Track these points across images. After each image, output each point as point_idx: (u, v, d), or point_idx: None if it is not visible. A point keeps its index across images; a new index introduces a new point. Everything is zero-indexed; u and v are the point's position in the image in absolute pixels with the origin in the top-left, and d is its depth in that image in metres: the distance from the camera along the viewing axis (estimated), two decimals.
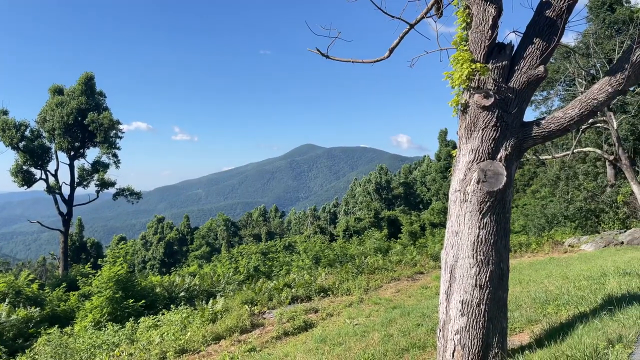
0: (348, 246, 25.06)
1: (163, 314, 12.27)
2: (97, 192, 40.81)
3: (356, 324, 9.28)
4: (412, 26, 6.41)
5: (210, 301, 12.52)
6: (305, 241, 43.86)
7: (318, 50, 6.67)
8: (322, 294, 13.20)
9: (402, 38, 6.53)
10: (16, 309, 14.54)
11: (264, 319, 11.24)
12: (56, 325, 12.05)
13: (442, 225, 48.21)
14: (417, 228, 43.99)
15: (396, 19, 6.18)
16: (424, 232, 44.09)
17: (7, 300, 15.44)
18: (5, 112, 37.68)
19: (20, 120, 37.82)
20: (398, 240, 34.84)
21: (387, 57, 6.60)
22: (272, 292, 13.32)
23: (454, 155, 5.78)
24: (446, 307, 5.30)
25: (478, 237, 5.06)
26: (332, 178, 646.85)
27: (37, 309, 14.92)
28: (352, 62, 6.93)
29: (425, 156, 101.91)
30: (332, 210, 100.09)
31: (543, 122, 5.23)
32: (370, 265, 16.37)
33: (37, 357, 8.82)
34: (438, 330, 5.43)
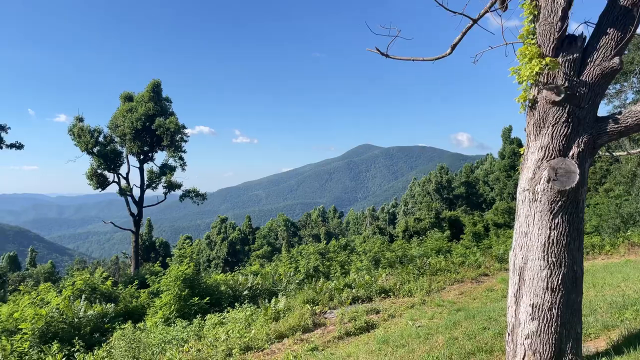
0: (408, 247, 24.71)
1: (228, 311, 12.62)
2: (165, 193, 42.69)
3: (419, 326, 9.15)
4: (475, 21, 6.25)
5: (273, 300, 12.74)
6: (364, 242, 43.70)
7: (377, 49, 6.65)
8: (382, 294, 13.11)
9: (464, 34, 6.38)
10: (92, 304, 15.41)
11: (326, 318, 11.31)
12: (129, 321, 12.68)
13: (507, 225, 46.43)
14: (480, 229, 42.66)
15: (458, 15, 6.05)
16: (487, 233, 42.69)
17: (83, 296, 16.40)
18: (81, 119, 40.17)
19: (94, 126, 40.26)
20: (460, 241, 33.95)
21: (449, 54, 6.47)
22: (332, 292, 13.38)
23: (521, 152, 5.58)
24: (515, 311, 5.13)
25: (549, 238, 4.86)
26: (391, 178, 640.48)
27: (112, 305, 15.73)
28: (413, 60, 6.84)
29: (488, 154, 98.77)
30: (391, 211, 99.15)
31: (620, 116, 4.94)
32: (432, 266, 16.07)
33: (113, 350, 9.33)
34: (507, 334, 5.26)
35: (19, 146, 36.22)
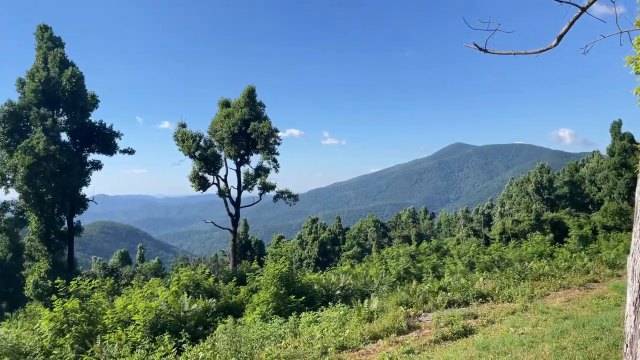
0: (506, 250, 23.58)
1: (322, 310, 12.83)
2: (260, 194, 44.37)
3: (522, 333, 8.70)
4: (584, 9, 5.82)
5: (365, 301, 12.75)
6: (458, 244, 42.31)
7: (475, 45, 6.43)
8: (480, 299, 12.63)
9: (572, 24, 5.97)
10: (196, 299, 16.41)
11: (420, 321, 11.12)
12: (230, 316, 13.33)
13: (618, 228, 42.65)
14: (587, 232, 39.57)
15: (565, 4, 5.67)
16: (595, 236, 39.51)
17: (187, 291, 17.49)
18: (184, 125, 42.95)
19: (195, 131, 42.85)
20: (565, 244, 31.74)
21: (554, 46, 6.08)
22: (426, 295, 13.13)
23: (638, 148, 5.11)
24: (635, 321, 4.70)
25: None
26: (485, 178, 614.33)
27: (213, 300, 16.62)
28: (514, 54, 6.52)
29: (594, 151, 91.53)
30: (486, 212, 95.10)
31: None
32: (535, 271, 15.18)
33: (216, 343, 9.86)
34: (625, 345, 4.84)
35: (131, 151, 39.54)
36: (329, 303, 13.76)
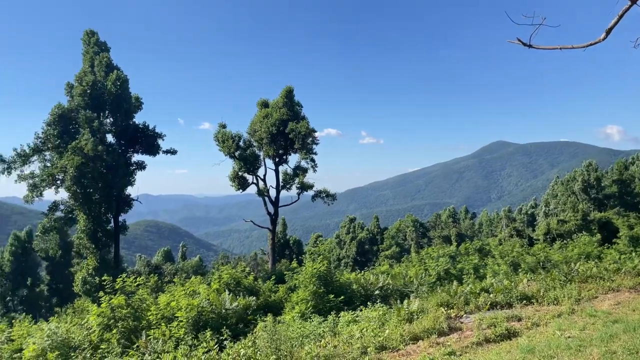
0: (552, 251, 22.85)
1: (360, 310, 12.80)
2: (298, 194, 44.68)
3: (569, 337, 8.41)
4: (634, 2, 5.59)
5: (405, 301, 12.63)
6: (500, 244, 41.30)
7: (519, 40, 6.27)
8: (524, 301, 12.28)
9: (621, 17, 5.74)
10: (237, 297, 16.67)
11: (461, 323, 10.92)
12: (269, 314, 13.48)
13: None
14: (639, 232, 37.85)
15: None
16: None
17: (228, 289, 17.78)
18: (224, 126, 43.70)
19: (235, 132, 43.55)
20: (613, 246, 30.49)
21: (603, 39, 5.86)
22: (468, 296, 12.88)
23: None
24: None
25: None
26: (529, 176, 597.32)
27: (253, 298, 16.85)
28: (560, 48, 6.33)
29: None
30: (529, 212, 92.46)
31: None
32: (582, 273, 14.64)
33: (257, 341, 9.99)
34: None
35: (173, 152, 40.54)
36: (368, 303, 13.71)
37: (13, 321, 21.38)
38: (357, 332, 10.08)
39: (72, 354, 11.68)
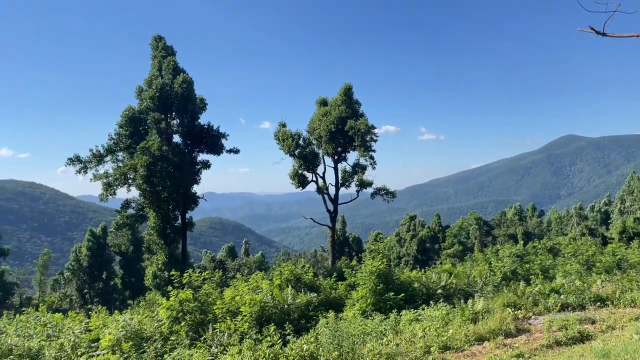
0: (628, 251, 21.48)
1: (423, 308, 12.62)
2: (357, 191, 44.61)
3: None
4: None
5: (469, 301, 12.33)
6: (570, 243, 39.30)
7: (592, 28, 5.94)
8: (598, 303, 11.64)
9: None
10: (299, 293, 16.90)
11: (530, 324, 10.52)
12: (331, 311, 13.57)
13: None
14: None
15: None
16: None
17: (289, 285, 18.07)
18: (284, 125, 44.36)
19: (294, 130, 44.07)
20: None
21: None
22: (536, 297, 12.38)
23: None
24: None
25: None
26: (602, 172, 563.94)
27: (314, 294, 17.03)
28: (637, 36, 5.94)
29: None
30: (603, 210, 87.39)
31: None
32: None
33: (319, 337, 10.09)
34: None
35: (236, 151, 41.59)
36: (430, 302, 13.51)
37: (90, 313, 22.80)
38: (420, 331, 9.95)
39: (145, 345, 12.28)
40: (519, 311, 11.29)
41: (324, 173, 44.94)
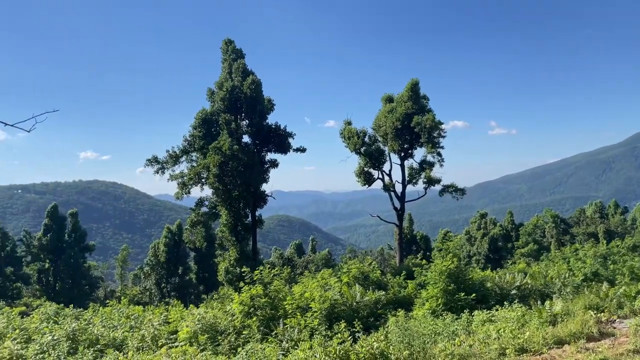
0: None
1: (496, 309, 12.26)
2: (425, 189, 43.84)
3: None
4: None
5: (547, 302, 11.83)
6: None
7: None
8: None
9: None
10: (367, 291, 16.92)
11: (614, 328, 9.92)
12: (400, 309, 13.49)
13: None
14: None
15: None
16: None
17: (357, 283, 18.13)
18: (349, 123, 44.43)
19: (360, 128, 44.01)
20: None
21: None
22: (621, 299, 11.67)
23: None
24: None
25: None
26: None
27: (383, 292, 16.98)
28: None
29: None
30: None
31: None
32: None
33: (389, 335, 10.07)
34: None
35: (303, 150, 42.22)
36: (504, 303, 13.11)
37: (167, 306, 24.08)
38: (494, 332, 9.66)
39: (219, 338, 12.83)
40: (602, 314, 10.69)
41: (390, 170, 44.56)
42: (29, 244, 59.94)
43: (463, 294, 14.05)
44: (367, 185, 44.98)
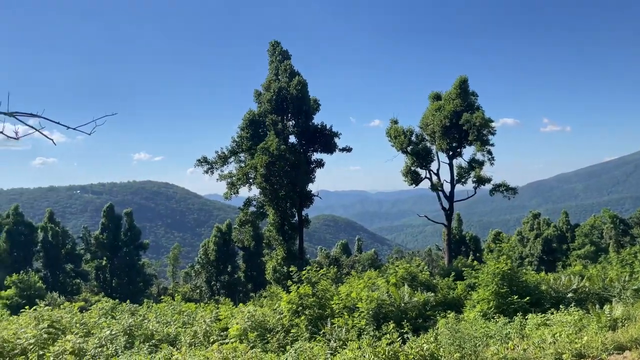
0: None
1: (551, 313, 11.85)
2: (475, 188, 42.82)
3: None
4: None
5: (606, 306, 11.32)
6: None
7: None
8: None
9: None
10: (415, 292, 16.72)
11: None
12: (450, 311, 13.25)
13: None
14: None
15: None
16: None
17: (405, 284, 17.93)
18: (396, 122, 44.00)
19: (406, 127, 43.51)
20: None
21: None
22: None
23: None
24: None
25: None
26: None
27: (431, 294, 16.72)
28: None
29: None
30: None
31: None
32: None
33: (439, 337, 9.92)
34: None
35: (348, 149, 42.19)
36: (559, 306, 12.66)
37: (217, 304, 24.67)
38: (549, 336, 9.34)
39: (268, 335, 13.03)
40: None
41: (438, 169, 43.81)
42: (88, 241, 62.95)
43: (516, 296, 13.67)
44: (414, 185, 44.43)
